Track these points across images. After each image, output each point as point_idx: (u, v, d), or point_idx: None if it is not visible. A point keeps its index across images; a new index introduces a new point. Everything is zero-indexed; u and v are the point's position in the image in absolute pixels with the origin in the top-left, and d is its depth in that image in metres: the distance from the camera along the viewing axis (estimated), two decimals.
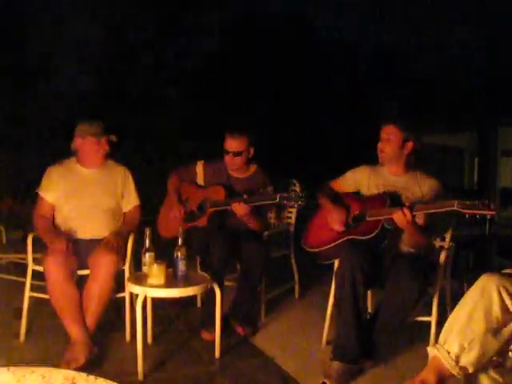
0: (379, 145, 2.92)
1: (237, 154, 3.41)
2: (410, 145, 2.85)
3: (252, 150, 3.48)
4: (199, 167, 3.61)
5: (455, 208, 2.46)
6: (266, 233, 3.51)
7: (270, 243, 3.48)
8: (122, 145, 3.34)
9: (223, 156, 3.48)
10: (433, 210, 2.60)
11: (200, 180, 3.60)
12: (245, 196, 3.23)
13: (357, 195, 3.03)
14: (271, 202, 3.15)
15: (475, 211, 2.40)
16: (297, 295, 4.10)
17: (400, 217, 2.60)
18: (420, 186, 2.88)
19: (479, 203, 2.39)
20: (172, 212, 3.48)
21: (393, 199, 2.80)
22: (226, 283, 3.42)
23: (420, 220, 2.66)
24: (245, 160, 3.47)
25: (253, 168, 3.57)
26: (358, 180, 3.06)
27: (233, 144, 3.40)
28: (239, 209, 3.19)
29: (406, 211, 2.58)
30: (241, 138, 3.41)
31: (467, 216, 2.44)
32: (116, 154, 3.34)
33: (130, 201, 3.30)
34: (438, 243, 3.04)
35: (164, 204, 3.72)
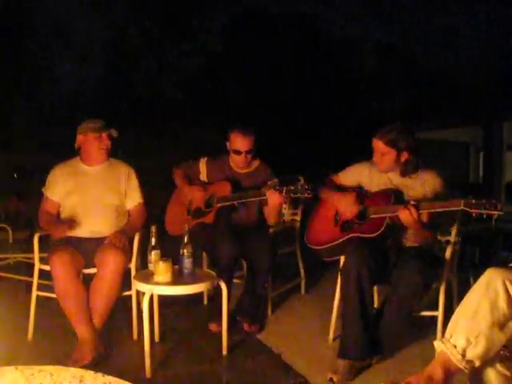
0: (374, 156, 2.86)
1: (249, 152, 3.42)
2: (405, 154, 2.78)
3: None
4: (202, 164, 3.60)
5: (462, 207, 2.44)
6: (272, 230, 3.51)
7: (276, 240, 3.48)
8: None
9: (229, 153, 3.48)
10: (439, 209, 2.57)
11: (203, 177, 3.60)
12: (277, 183, 3.13)
13: (360, 190, 3.00)
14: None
15: (482, 210, 2.38)
16: (303, 291, 4.11)
17: (406, 215, 2.57)
18: (423, 185, 2.83)
19: (486, 202, 2.36)
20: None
21: (396, 196, 2.78)
22: (233, 280, 3.42)
23: (425, 217, 2.63)
24: (252, 157, 3.48)
25: (256, 163, 3.57)
26: (358, 176, 3.03)
27: (245, 143, 3.39)
28: (275, 198, 3.13)
29: (412, 209, 2.55)
30: (251, 137, 3.42)
31: (474, 215, 2.42)
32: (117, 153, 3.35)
33: (133, 198, 3.29)
34: (444, 238, 3.02)
35: (171, 201, 3.71)
